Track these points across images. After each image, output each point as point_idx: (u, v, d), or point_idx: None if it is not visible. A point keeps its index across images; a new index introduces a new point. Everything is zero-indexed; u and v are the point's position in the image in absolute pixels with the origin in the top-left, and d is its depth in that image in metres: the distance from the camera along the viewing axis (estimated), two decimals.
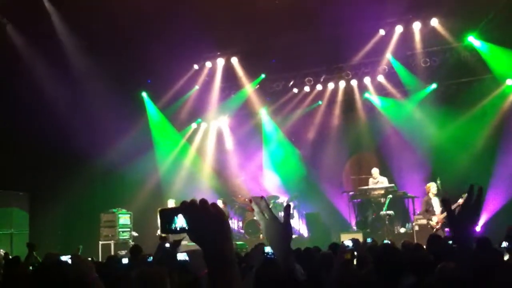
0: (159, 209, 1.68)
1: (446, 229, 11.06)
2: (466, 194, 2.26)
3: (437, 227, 11.01)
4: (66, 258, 6.10)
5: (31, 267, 6.16)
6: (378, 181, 13.23)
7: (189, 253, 4.54)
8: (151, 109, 16.33)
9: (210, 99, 16.17)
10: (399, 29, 14.04)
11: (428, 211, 11.44)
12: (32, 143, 12.70)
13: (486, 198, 11.77)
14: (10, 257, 8.65)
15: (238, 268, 1.59)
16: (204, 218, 1.56)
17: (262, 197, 2.23)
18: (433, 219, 11.20)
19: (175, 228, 1.61)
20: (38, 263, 6.91)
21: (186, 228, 1.59)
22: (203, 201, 1.58)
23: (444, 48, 14.14)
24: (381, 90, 15.25)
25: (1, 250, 10.71)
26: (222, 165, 16.11)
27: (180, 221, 1.60)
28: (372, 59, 14.80)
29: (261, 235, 12.96)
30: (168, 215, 1.62)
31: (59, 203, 12.75)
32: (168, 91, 15.70)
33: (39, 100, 12.51)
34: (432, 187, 11.50)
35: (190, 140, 16.71)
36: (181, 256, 4.81)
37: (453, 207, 2.36)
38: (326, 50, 13.98)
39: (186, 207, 1.58)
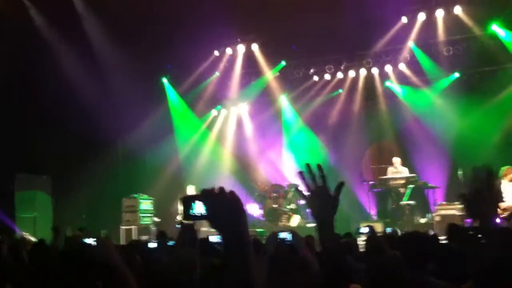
0: (180, 196, 1.78)
1: (466, 220, 10.95)
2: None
3: (504, 214, 10.43)
4: (90, 240, 6.16)
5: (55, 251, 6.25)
6: (398, 170, 13.18)
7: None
8: (172, 95, 16.42)
9: (230, 85, 16.21)
10: (421, 16, 13.91)
11: None
12: (54, 127, 12.86)
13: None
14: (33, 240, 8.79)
15: (254, 253, 1.67)
16: (222, 204, 1.66)
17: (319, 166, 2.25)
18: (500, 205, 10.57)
19: (194, 214, 1.71)
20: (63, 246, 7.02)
21: (205, 214, 1.68)
22: (221, 189, 1.67)
23: (467, 36, 13.97)
24: (402, 79, 15.13)
25: (25, 234, 10.90)
26: (242, 152, 16.15)
27: (198, 208, 1.69)
28: (393, 46, 14.68)
29: (280, 223, 13.02)
30: (188, 202, 1.72)
31: (81, 187, 12.90)
32: (189, 77, 15.78)
33: (61, 84, 12.62)
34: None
35: (210, 126, 16.77)
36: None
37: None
38: (348, 38, 13.86)
39: (205, 194, 1.68)
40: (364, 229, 7.21)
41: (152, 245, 6.77)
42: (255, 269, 1.64)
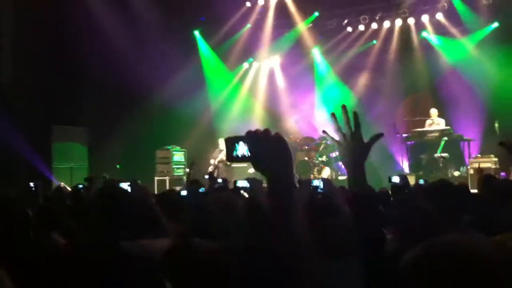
0: (224, 137, 1.71)
1: (502, 173, 10.80)
2: None
3: None
4: (125, 185, 6.25)
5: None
6: (434, 122, 12.95)
7: (249, 180, 4.63)
8: (204, 47, 16.35)
9: (262, 37, 16.01)
10: None
11: None
12: (91, 80, 12.99)
13: None
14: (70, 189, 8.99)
15: (297, 194, 1.62)
16: (267, 145, 1.59)
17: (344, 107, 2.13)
18: None
19: (237, 155, 1.65)
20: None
21: (248, 155, 1.62)
22: (266, 130, 1.61)
23: None
24: (439, 29, 14.73)
25: (62, 184, 11.18)
26: (274, 105, 16.08)
27: (241, 149, 1.64)
28: None
29: (311, 175, 13.03)
30: (231, 143, 1.66)
31: (116, 139, 13.08)
32: (220, 30, 15.61)
33: (96, 37, 12.67)
34: None
35: (242, 79, 16.72)
36: (242, 183, 4.92)
37: None
38: None
39: (249, 135, 1.61)
40: (396, 179, 7.15)
41: (184, 193, 6.84)
42: (299, 211, 1.59)
